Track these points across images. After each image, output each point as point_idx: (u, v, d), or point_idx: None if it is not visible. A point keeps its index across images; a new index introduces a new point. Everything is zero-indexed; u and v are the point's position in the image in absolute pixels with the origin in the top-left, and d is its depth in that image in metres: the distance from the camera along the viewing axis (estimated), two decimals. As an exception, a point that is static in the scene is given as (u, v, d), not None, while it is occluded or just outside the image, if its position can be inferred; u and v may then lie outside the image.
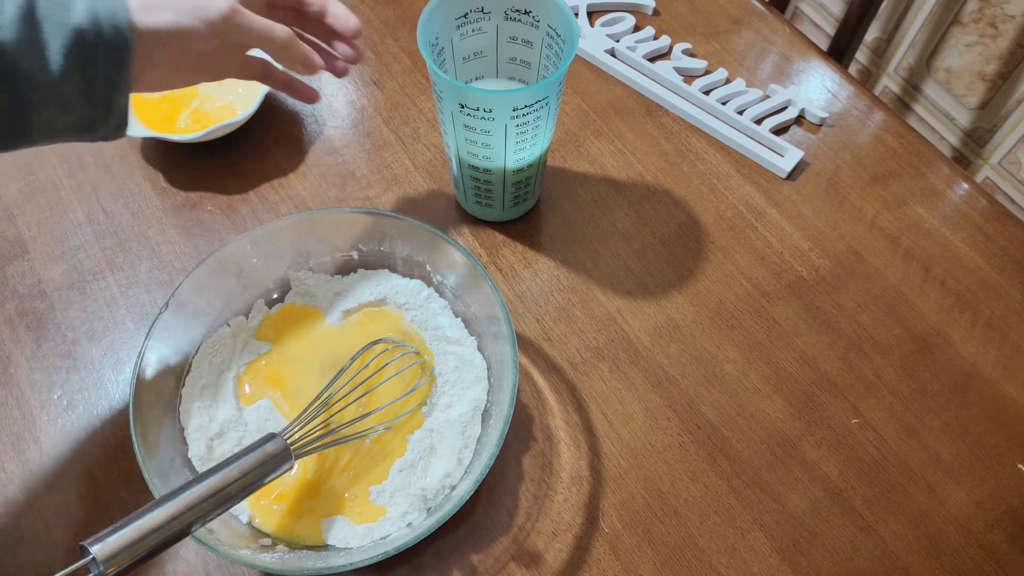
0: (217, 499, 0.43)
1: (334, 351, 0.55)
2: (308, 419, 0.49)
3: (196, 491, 0.42)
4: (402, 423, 0.53)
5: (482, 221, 0.66)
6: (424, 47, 0.52)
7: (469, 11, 0.56)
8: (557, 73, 0.52)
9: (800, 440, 0.56)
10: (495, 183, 0.60)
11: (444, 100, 0.54)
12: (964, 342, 0.61)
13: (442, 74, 0.51)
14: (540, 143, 0.58)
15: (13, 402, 0.56)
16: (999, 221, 0.67)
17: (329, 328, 0.57)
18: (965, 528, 0.53)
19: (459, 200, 0.66)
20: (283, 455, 0.46)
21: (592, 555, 0.51)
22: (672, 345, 0.60)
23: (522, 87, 0.61)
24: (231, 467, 0.44)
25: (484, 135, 0.55)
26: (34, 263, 0.63)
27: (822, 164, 0.71)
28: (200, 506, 0.42)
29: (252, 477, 0.45)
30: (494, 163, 0.58)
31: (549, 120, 0.56)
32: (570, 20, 0.53)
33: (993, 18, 0.90)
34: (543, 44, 0.58)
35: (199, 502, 0.42)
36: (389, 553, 0.45)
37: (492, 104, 0.52)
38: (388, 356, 0.55)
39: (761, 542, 0.52)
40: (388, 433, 0.52)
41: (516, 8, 0.57)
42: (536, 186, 0.64)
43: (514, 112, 0.53)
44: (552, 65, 0.58)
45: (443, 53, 0.57)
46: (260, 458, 0.45)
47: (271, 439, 0.46)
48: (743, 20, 0.81)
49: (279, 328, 0.57)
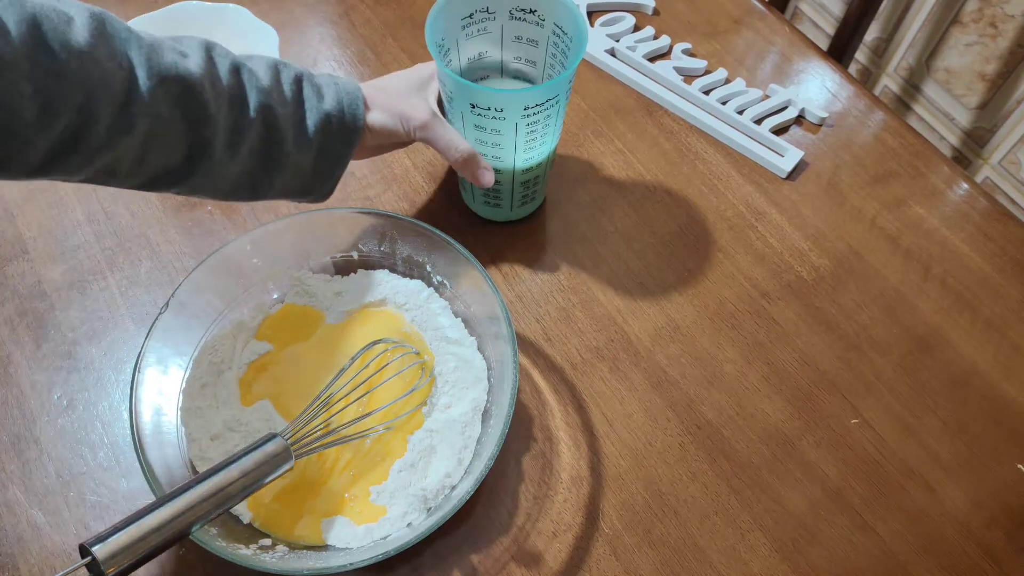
0: (217, 499, 0.43)
1: (334, 351, 0.55)
2: (308, 419, 0.49)
3: (196, 491, 0.42)
4: (402, 423, 0.53)
5: (482, 221, 0.66)
6: (432, 47, 0.52)
7: (474, 11, 0.56)
8: (567, 72, 0.52)
9: (799, 440, 0.56)
10: (504, 183, 0.60)
11: (454, 101, 0.54)
12: (963, 342, 0.61)
13: (453, 75, 0.51)
14: (549, 142, 0.58)
15: (13, 402, 0.56)
16: (999, 221, 0.68)
17: (329, 328, 0.57)
18: (963, 526, 0.53)
19: (465, 201, 0.66)
20: (283, 455, 0.46)
21: (592, 555, 0.51)
22: (672, 345, 0.60)
23: (531, 87, 0.61)
24: (231, 467, 0.44)
25: (495, 135, 0.55)
26: (34, 263, 0.63)
27: (822, 164, 0.71)
28: (200, 506, 0.42)
29: (252, 477, 0.45)
30: (503, 163, 0.58)
31: (558, 119, 0.56)
32: (576, 17, 0.53)
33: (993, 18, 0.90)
34: (549, 43, 0.58)
35: (199, 502, 0.42)
36: (389, 553, 0.45)
37: (504, 104, 0.52)
38: (388, 356, 0.55)
39: (761, 542, 0.52)
40: (388, 433, 0.52)
41: (521, 7, 0.57)
42: (543, 185, 0.64)
43: (525, 111, 0.53)
44: (559, 64, 0.58)
45: (449, 54, 0.57)
46: (260, 458, 0.45)
47: (271, 439, 0.46)
48: (743, 20, 0.81)
49: (279, 328, 0.57)
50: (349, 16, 0.80)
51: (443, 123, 0.56)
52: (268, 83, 0.50)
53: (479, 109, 0.53)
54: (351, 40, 0.78)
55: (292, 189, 0.54)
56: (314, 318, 0.57)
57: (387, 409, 0.53)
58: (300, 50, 0.77)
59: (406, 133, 0.55)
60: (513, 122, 0.53)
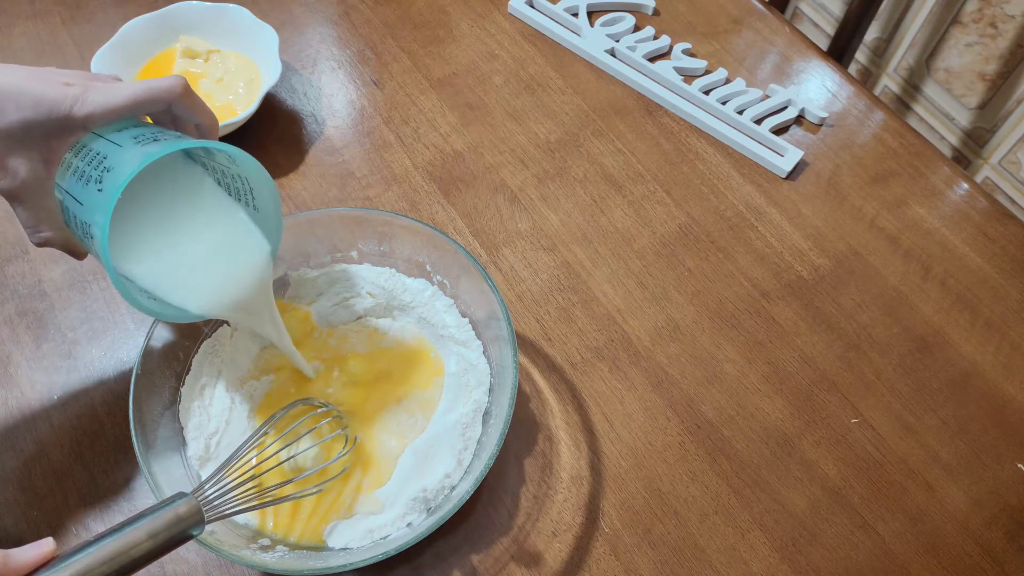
0: (116, 564, 0.38)
1: (333, 351, 0.56)
2: (225, 480, 0.44)
3: (94, 554, 0.37)
4: (403, 431, 0.53)
5: (481, 221, 0.66)
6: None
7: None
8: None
9: (799, 439, 0.56)
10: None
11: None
12: (963, 341, 0.61)
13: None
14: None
15: (13, 402, 0.56)
16: (999, 221, 0.68)
17: (329, 328, 0.57)
18: (963, 526, 0.53)
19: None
20: (195, 518, 0.41)
21: (592, 555, 0.51)
22: (672, 345, 0.60)
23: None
24: (136, 527, 0.39)
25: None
26: (34, 263, 0.63)
27: (822, 164, 0.71)
28: (97, 570, 0.37)
29: (159, 541, 0.39)
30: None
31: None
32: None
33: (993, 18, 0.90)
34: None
35: (97, 565, 0.37)
36: (389, 553, 0.45)
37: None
38: (312, 422, 0.51)
39: (761, 541, 0.52)
40: (388, 434, 0.52)
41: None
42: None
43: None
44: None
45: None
46: (170, 520, 0.40)
47: (181, 498, 0.41)
48: (743, 20, 0.81)
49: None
50: (349, 16, 0.80)
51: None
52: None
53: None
54: (351, 40, 0.78)
55: None
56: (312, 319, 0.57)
57: (314, 475, 0.49)
58: (300, 50, 0.77)
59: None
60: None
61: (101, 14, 0.79)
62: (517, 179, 0.69)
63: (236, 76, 0.71)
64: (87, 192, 0.43)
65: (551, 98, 0.75)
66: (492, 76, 0.76)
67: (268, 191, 0.46)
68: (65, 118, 0.42)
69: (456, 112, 0.73)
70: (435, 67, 0.77)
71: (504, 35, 0.80)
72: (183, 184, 0.48)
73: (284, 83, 0.74)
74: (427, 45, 0.78)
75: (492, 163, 0.70)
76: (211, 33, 0.73)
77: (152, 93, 0.45)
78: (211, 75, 0.71)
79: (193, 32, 0.73)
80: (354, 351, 0.56)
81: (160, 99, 0.45)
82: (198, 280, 0.47)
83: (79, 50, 0.76)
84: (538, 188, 0.68)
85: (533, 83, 0.76)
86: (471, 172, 0.69)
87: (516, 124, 0.73)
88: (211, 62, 0.72)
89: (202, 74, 0.71)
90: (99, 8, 0.79)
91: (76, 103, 0.42)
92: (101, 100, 0.43)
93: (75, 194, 0.43)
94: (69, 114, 0.42)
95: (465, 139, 0.71)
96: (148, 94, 0.44)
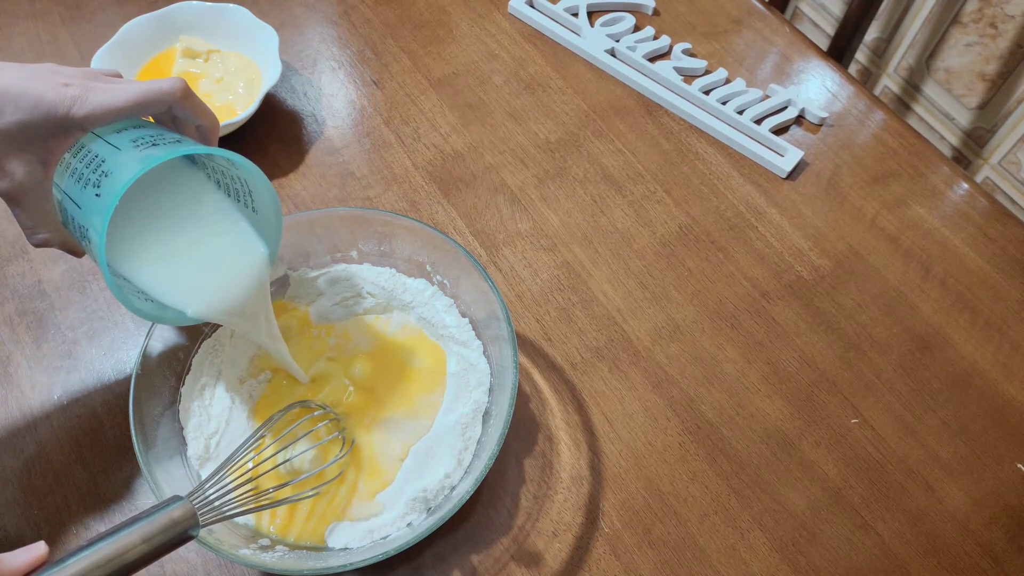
0: (110, 568, 0.38)
1: (334, 351, 0.56)
2: (220, 484, 0.44)
3: (87, 558, 0.37)
4: (405, 434, 0.53)
5: (481, 221, 0.66)
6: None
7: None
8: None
9: (799, 439, 0.56)
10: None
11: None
12: (963, 341, 0.61)
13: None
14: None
15: (13, 402, 0.56)
16: (999, 221, 0.68)
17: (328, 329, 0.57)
18: (963, 526, 0.53)
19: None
20: (190, 522, 0.40)
21: (592, 555, 0.51)
22: (672, 345, 0.60)
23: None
24: (131, 531, 0.39)
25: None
26: (34, 263, 0.63)
27: (822, 164, 0.71)
28: (90, 574, 0.37)
29: (153, 544, 0.39)
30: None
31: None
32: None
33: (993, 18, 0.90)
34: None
35: (90, 569, 0.37)
36: (389, 553, 0.45)
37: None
38: (310, 424, 0.51)
39: (761, 541, 0.52)
40: (387, 435, 0.52)
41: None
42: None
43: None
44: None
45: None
46: (165, 523, 0.40)
47: (176, 501, 0.41)
48: (743, 20, 0.81)
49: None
50: (349, 16, 0.80)
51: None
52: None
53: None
54: (351, 40, 0.78)
55: None
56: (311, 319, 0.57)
57: (311, 477, 0.49)
58: (300, 50, 0.77)
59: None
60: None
61: (101, 14, 0.79)
62: (517, 179, 0.69)
63: (236, 76, 0.71)
64: (85, 196, 0.43)
65: (551, 98, 0.75)
66: (492, 76, 0.76)
67: (268, 195, 0.46)
68: (63, 119, 0.42)
69: (456, 112, 0.73)
70: (435, 67, 0.77)
71: (504, 35, 0.80)
72: (182, 186, 0.48)
73: (284, 83, 0.74)
74: (427, 45, 0.78)
75: (492, 163, 0.70)
76: (211, 33, 0.73)
77: (152, 95, 0.44)
78: (211, 75, 0.71)
79: (193, 32, 0.73)
80: (357, 350, 0.56)
81: (159, 101, 0.45)
82: (195, 283, 0.47)
83: (79, 50, 0.76)
84: (538, 188, 0.68)
85: (533, 83, 0.76)
86: (471, 172, 0.69)
87: (516, 124, 0.73)
88: (211, 62, 0.72)
89: (202, 74, 0.71)
90: (99, 8, 0.79)
91: (75, 104, 0.42)
92: (100, 102, 0.43)
93: (73, 196, 0.43)
94: (67, 115, 0.42)
95: (465, 139, 0.71)
96: (147, 96, 0.44)
